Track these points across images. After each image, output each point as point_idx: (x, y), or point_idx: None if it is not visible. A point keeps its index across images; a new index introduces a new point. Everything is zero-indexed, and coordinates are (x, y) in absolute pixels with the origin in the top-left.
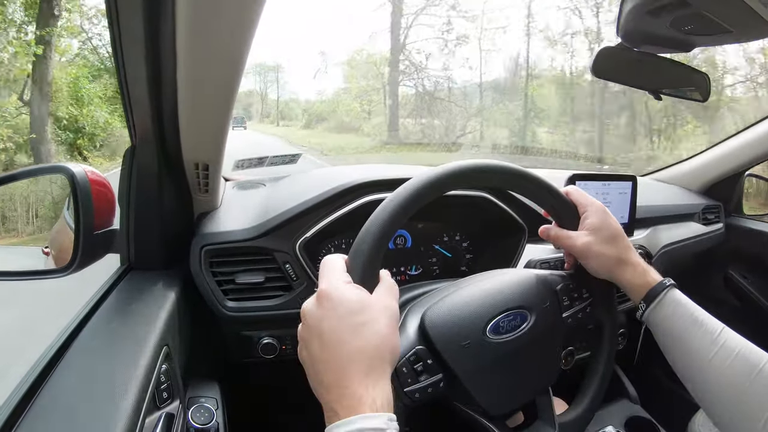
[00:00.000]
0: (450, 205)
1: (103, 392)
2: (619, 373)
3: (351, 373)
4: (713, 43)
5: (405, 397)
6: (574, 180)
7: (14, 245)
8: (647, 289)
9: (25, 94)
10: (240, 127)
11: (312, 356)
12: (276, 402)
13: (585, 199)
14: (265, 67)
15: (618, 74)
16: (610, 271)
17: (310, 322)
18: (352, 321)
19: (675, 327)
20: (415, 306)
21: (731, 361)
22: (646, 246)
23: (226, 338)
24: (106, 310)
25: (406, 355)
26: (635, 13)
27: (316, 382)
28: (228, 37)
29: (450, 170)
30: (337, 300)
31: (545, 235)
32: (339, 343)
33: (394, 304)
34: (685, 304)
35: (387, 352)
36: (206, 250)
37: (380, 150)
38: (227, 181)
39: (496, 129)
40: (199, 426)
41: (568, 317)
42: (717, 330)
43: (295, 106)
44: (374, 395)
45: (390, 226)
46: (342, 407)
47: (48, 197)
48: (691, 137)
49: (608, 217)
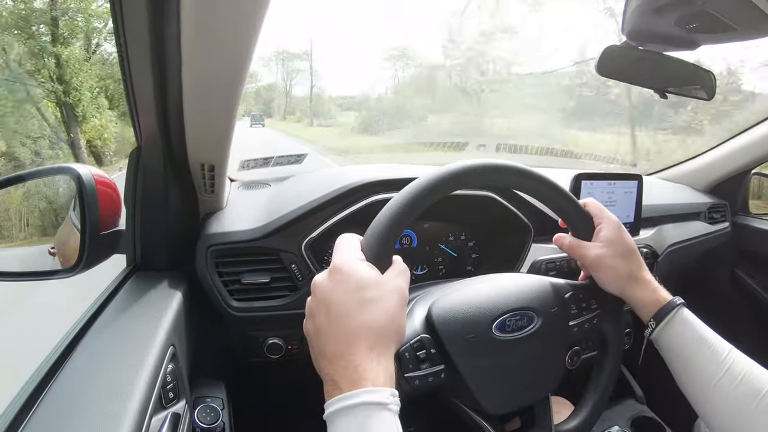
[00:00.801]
0: (456, 205)
1: (109, 392)
2: (625, 372)
3: (355, 347)
4: (718, 41)
5: (405, 383)
6: (580, 179)
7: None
8: (657, 307)
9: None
10: (258, 125)
11: (317, 327)
12: (282, 402)
13: (601, 212)
14: (290, 55)
15: (623, 73)
16: (621, 286)
17: (319, 294)
18: (362, 296)
19: (683, 346)
20: (423, 297)
21: (736, 385)
22: (652, 245)
23: (232, 338)
24: (112, 311)
25: (410, 341)
26: (640, 12)
27: (318, 353)
28: (233, 38)
29: (473, 166)
30: (348, 274)
31: (559, 243)
32: (346, 316)
33: (405, 286)
34: (694, 323)
35: (393, 331)
36: (212, 250)
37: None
38: (233, 181)
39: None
40: (205, 426)
41: (575, 326)
42: (725, 352)
43: (328, 101)
44: (377, 370)
45: (408, 210)
46: (344, 380)
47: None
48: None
49: (623, 233)
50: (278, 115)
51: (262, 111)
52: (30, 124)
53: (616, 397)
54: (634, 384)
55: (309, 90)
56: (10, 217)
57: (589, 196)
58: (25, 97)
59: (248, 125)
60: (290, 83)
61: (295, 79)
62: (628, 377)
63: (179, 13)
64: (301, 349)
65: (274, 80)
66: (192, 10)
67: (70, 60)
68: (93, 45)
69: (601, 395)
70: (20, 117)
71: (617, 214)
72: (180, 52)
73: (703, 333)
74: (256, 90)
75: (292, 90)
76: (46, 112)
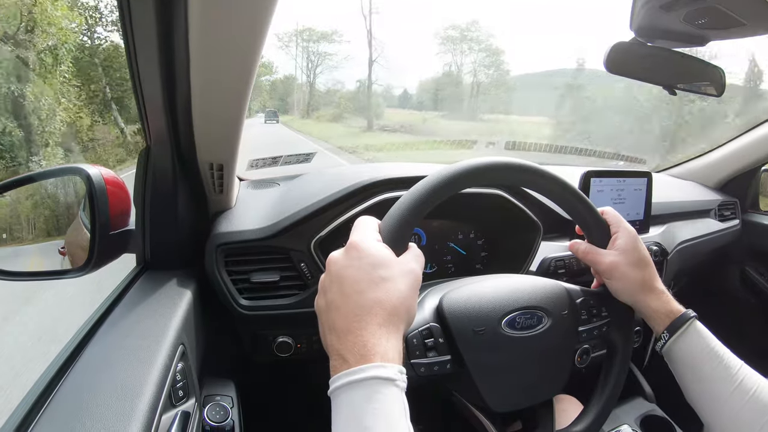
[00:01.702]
0: (465, 203)
1: (119, 390)
2: (635, 370)
3: (366, 323)
4: (727, 36)
5: (410, 368)
6: (589, 177)
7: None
8: (670, 318)
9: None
10: (272, 121)
11: (329, 302)
12: (291, 401)
13: (619, 221)
14: (315, 34)
15: (632, 69)
16: (633, 295)
17: (333, 270)
18: (375, 274)
19: (695, 360)
20: (435, 289)
21: (747, 400)
22: (661, 243)
23: (242, 337)
24: (122, 310)
25: (419, 328)
26: (649, 8)
27: (328, 328)
28: (241, 37)
29: (494, 164)
30: (364, 252)
31: (574, 249)
32: (358, 292)
33: (418, 270)
34: (707, 337)
35: (404, 312)
36: (221, 249)
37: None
38: (241, 180)
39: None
40: (215, 424)
41: (583, 332)
42: (736, 366)
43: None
44: (387, 347)
45: (429, 199)
46: (353, 355)
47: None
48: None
49: (639, 243)
50: (297, 112)
51: (278, 107)
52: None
53: (625, 395)
54: (643, 382)
55: (354, 82)
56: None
57: (598, 194)
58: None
59: (262, 121)
60: (314, 73)
61: (320, 66)
62: (638, 375)
63: (187, 12)
64: (310, 347)
65: (291, 71)
66: (200, 10)
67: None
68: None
69: (607, 402)
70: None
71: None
72: (188, 52)
73: (714, 347)
74: (272, 83)
75: (315, 82)
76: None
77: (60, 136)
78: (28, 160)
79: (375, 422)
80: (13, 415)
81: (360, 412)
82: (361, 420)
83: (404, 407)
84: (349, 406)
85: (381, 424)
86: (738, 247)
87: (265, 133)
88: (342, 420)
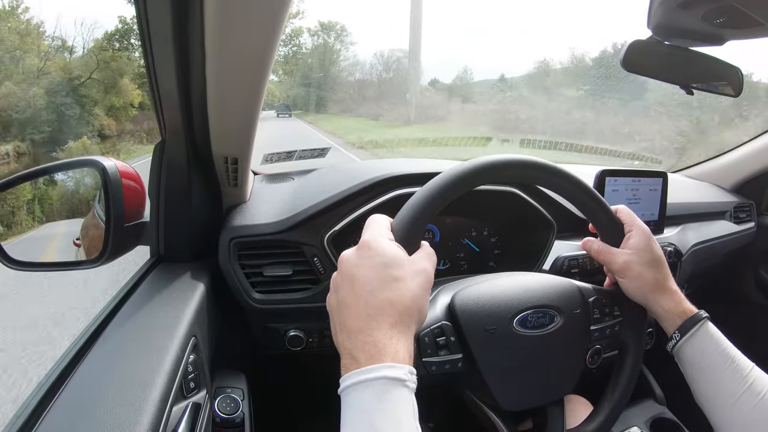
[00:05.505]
0: (479, 201)
1: (131, 381)
2: (645, 372)
3: (377, 322)
4: (746, 36)
5: (421, 367)
6: (604, 176)
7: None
8: (682, 318)
9: None
10: (285, 115)
11: (340, 301)
12: (302, 394)
13: (632, 220)
14: (326, 27)
15: (649, 68)
16: (646, 294)
17: (345, 269)
18: (387, 274)
19: (706, 361)
20: (447, 287)
21: (757, 402)
22: (676, 244)
23: (254, 330)
24: (135, 301)
25: (431, 326)
26: (666, 6)
27: (339, 327)
28: (256, 32)
29: (507, 161)
30: (376, 251)
31: (587, 247)
32: (370, 291)
33: (431, 269)
34: (718, 338)
35: (415, 311)
36: (235, 242)
37: None
38: (256, 174)
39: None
40: (225, 416)
41: (595, 331)
42: (747, 368)
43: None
44: (398, 347)
45: (441, 197)
46: (363, 354)
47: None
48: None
49: (653, 242)
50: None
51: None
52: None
53: (636, 397)
54: (654, 384)
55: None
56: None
57: (613, 193)
58: None
59: (274, 116)
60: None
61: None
62: (649, 377)
63: (203, 9)
64: (321, 342)
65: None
66: (216, 6)
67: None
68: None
69: (617, 403)
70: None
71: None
72: (203, 47)
73: (726, 348)
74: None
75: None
76: None
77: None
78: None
79: (384, 422)
80: (26, 403)
81: (370, 411)
82: (370, 420)
83: (414, 408)
84: (359, 406)
85: (390, 424)
86: (753, 249)
87: (281, 127)
88: (351, 419)
